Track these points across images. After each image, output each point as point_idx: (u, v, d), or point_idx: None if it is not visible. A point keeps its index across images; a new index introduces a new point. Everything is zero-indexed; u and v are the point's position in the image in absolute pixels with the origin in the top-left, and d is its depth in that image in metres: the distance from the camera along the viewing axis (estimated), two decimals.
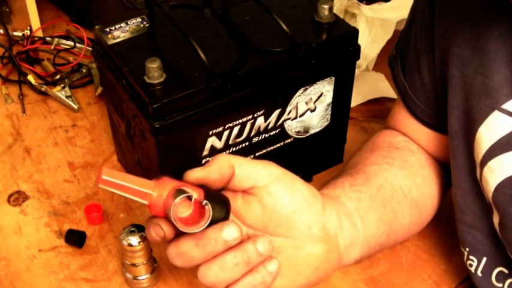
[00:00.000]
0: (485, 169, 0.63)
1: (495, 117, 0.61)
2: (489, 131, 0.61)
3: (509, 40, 0.59)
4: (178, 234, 0.55)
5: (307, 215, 0.59)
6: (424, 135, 0.76)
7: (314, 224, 0.59)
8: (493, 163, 0.62)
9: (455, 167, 0.68)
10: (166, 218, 0.53)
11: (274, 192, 0.58)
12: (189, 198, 0.52)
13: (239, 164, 0.56)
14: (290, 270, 0.58)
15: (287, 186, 0.58)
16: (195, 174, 0.55)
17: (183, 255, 0.54)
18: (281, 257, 0.58)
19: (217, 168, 0.55)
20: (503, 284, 0.68)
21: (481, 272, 0.69)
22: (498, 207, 0.63)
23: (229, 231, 0.53)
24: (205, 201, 0.53)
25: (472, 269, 0.70)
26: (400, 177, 0.72)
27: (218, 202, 0.55)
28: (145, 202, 0.52)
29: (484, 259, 0.69)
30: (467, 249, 0.70)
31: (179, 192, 0.52)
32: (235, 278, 0.54)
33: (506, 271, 0.68)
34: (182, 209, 0.52)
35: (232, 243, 0.54)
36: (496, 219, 0.65)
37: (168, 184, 0.53)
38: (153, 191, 0.52)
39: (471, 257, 0.70)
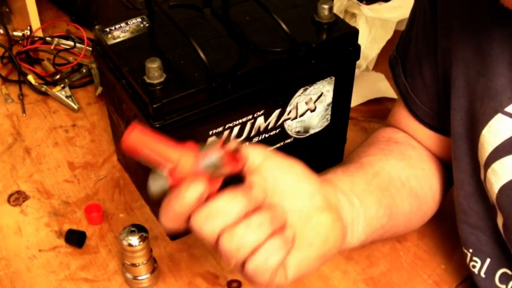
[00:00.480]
0: (489, 171, 0.62)
1: (498, 120, 0.61)
2: (492, 134, 0.61)
3: (511, 43, 0.59)
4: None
5: (308, 185, 0.59)
6: (426, 136, 0.76)
7: (316, 193, 0.59)
8: (496, 165, 0.62)
9: (458, 169, 0.68)
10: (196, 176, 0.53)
11: (272, 166, 0.58)
12: (227, 139, 0.54)
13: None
14: (302, 243, 0.58)
15: (283, 161, 0.59)
16: None
17: (218, 213, 0.52)
18: (291, 231, 0.58)
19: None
20: (507, 285, 0.68)
21: (485, 273, 0.69)
22: (502, 209, 0.63)
23: (257, 190, 0.55)
24: (239, 146, 0.54)
25: (476, 270, 0.70)
26: (397, 167, 0.72)
27: None
28: (174, 158, 0.52)
29: (488, 260, 0.69)
30: (470, 250, 0.70)
31: (205, 145, 0.53)
32: (260, 239, 0.53)
33: (509, 272, 0.68)
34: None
35: (260, 202, 0.54)
36: (500, 221, 0.65)
37: (189, 146, 0.54)
38: (180, 152, 0.52)
39: (474, 258, 0.69)
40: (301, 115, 0.82)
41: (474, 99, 0.63)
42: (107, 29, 0.79)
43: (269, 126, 0.80)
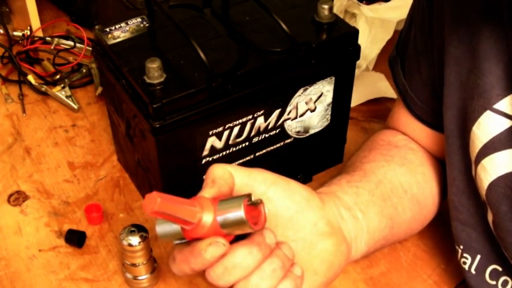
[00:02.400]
0: (479, 168, 0.63)
1: (487, 117, 0.61)
2: (482, 131, 0.62)
3: (500, 40, 0.59)
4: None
5: (310, 213, 0.59)
6: (425, 134, 0.76)
7: (319, 220, 0.59)
8: (485, 162, 0.62)
9: (451, 165, 0.69)
10: (214, 234, 0.52)
11: (274, 197, 0.57)
12: (249, 197, 0.52)
13: (236, 172, 0.56)
14: (308, 272, 0.58)
15: (284, 189, 0.58)
16: (208, 193, 0.54)
17: (234, 268, 0.52)
18: (297, 261, 0.58)
19: (224, 182, 0.55)
20: (497, 282, 0.68)
21: (475, 270, 0.69)
22: (491, 205, 0.63)
23: (269, 235, 0.54)
24: (259, 200, 0.53)
25: (466, 267, 0.70)
26: (399, 173, 0.72)
27: None
28: (194, 221, 0.51)
29: (478, 257, 0.69)
30: (461, 246, 0.70)
31: (225, 200, 0.52)
32: (274, 286, 0.54)
33: (500, 269, 0.68)
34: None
35: (273, 247, 0.54)
36: (490, 217, 0.65)
37: (207, 202, 0.52)
38: (199, 208, 0.51)
39: (465, 255, 0.70)
40: (301, 115, 0.82)
41: (465, 96, 0.64)
42: (107, 29, 0.79)
43: (269, 126, 0.80)
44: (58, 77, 1.06)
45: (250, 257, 0.52)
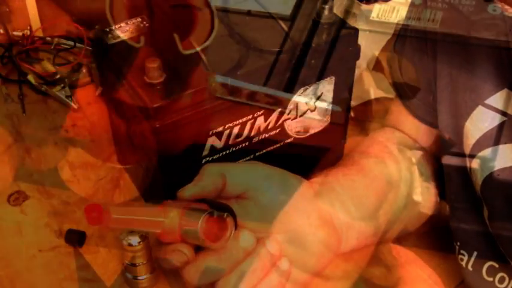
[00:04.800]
0: (473, 163, 0.63)
1: (479, 112, 0.62)
2: (474, 126, 0.62)
3: (491, 35, 0.59)
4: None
5: (304, 206, 0.59)
6: (422, 132, 0.76)
7: (311, 212, 0.60)
8: (479, 157, 0.63)
9: (447, 162, 0.69)
10: (182, 241, 0.52)
11: (268, 192, 0.58)
12: (211, 214, 0.52)
13: (229, 172, 0.57)
14: (298, 263, 0.58)
15: (279, 183, 0.59)
16: (189, 191, 0.54)
17: (207, 272, 0.53)
18: (286, 252, 0.58)
19: (210, 181, 0.55)
20: (494, 278, 0.68)
21: (472, 267, 0.70)
22: (486, 200, 0.64)
23: (246, 239, 0.54)
24: (225, 214, 0.52)
25: (463, 264, 0.70)
26: (395, 171, 0.73)
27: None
28: (158, 231, 0.52)
29: (475, 253, 0.69)
30: (458, 243, 0.70)
31: (192, 211, 0.52)
32: (254, 285, 0.54)
33: (496, 265, 0.68)
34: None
35: (250, 249, 0.54)
36: (485, 213, 0.65)
37: (174, 207, 0.52)
38: (163, 218, 0.51)
39: (462, 251, 0.70)
40: (301, 115, 0.82)
41: (457, 92, 0.64)
42: (107, 29, 0.79)
43: (269, 126, 0.80)
44: (58, 76, 1.06)
45: (221, 264, 0.53)
